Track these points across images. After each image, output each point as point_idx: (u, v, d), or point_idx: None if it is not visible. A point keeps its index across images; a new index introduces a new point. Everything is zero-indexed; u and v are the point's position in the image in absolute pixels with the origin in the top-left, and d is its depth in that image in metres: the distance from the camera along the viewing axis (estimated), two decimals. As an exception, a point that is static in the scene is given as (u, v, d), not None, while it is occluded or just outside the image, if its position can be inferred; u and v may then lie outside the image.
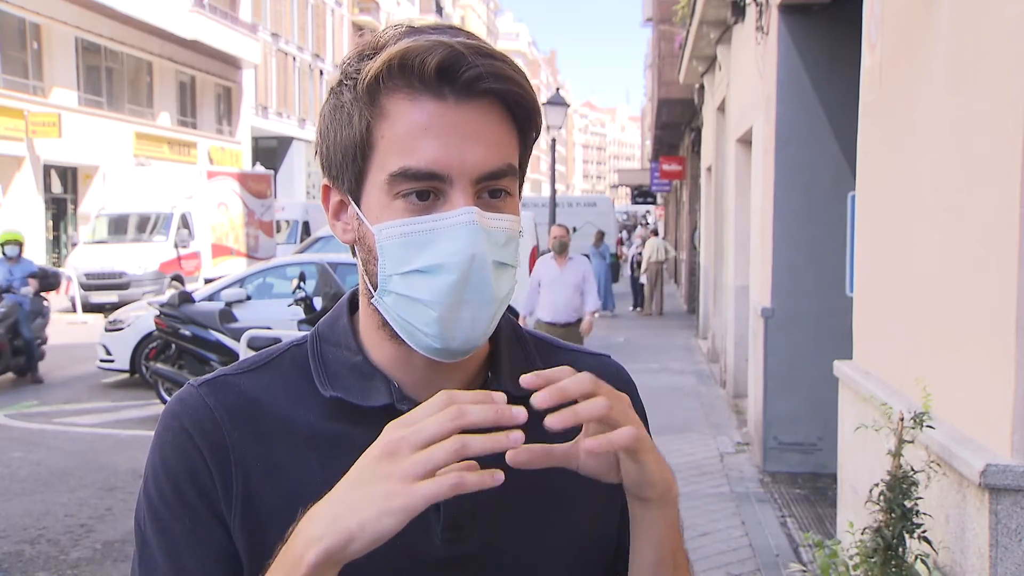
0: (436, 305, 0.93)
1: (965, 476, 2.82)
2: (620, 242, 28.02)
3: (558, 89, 19.13)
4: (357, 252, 1.01)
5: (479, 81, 0.92)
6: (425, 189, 0.93)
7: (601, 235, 20.02)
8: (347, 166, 0.97)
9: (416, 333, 0.95)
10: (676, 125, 21.54)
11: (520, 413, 0.82)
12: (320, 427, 0.99)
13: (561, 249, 8.69)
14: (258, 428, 0.99)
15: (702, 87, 14.05)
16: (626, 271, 20.86)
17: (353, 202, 0.99)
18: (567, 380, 0.86)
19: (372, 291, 0.99)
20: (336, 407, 0.99)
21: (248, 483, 0.97)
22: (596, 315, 8.98)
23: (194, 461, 0.98)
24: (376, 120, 0.94)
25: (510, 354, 1.07)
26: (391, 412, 0.97)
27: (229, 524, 0.98)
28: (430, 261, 0.92)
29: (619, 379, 1.15)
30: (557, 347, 1.17)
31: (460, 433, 0.81)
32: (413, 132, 0.92)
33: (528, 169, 1.07)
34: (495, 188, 0.95)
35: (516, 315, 7.87)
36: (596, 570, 1.08)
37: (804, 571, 4.41)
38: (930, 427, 3.03)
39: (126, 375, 10.80)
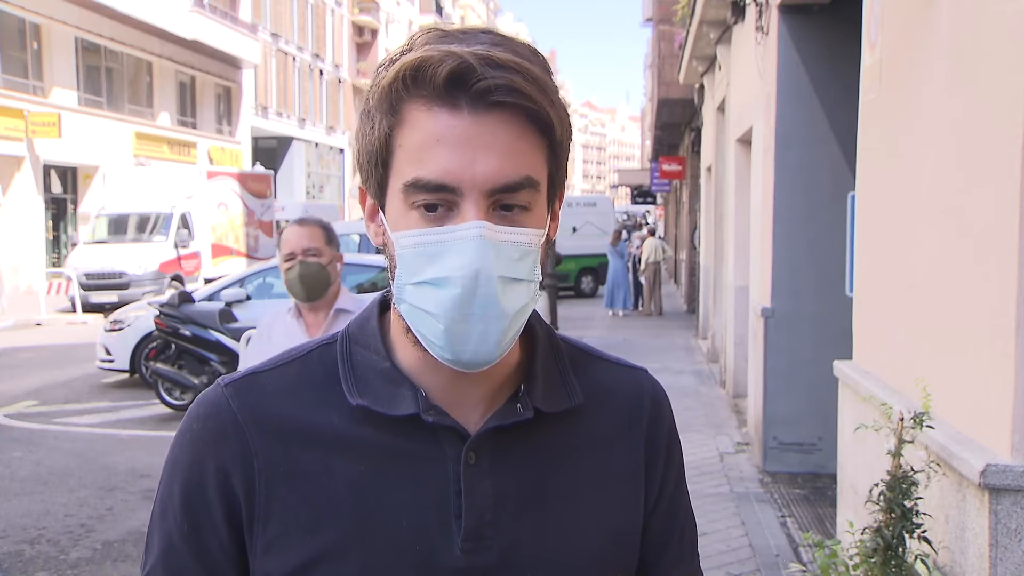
0: (442, 318, 0.92)
1: (965, 476, 2.82)
2: None
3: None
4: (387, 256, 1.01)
5: (489, 94, 0.90)
6: (434, 201, 0.91)
7: (619, 234, 19.92)
8: (372, 171, 0.97)
9: (429, 343, 0.95)
10: (676, 125, 21.51)
11: None
12: (345, 431, 0.99)
13: (314, 292, 3.22)
14: (282, 431, 0.99)
15: (702, 87, 14.03)
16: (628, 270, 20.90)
17: (379, 207, 0.99)
18: None
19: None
20: (362, 413, 0.99)
21: (271, 487, 0.98)
22: None
23: (206, 468, 0.99)
24: (396, 128, 0.93)
25: (544, 364, 1.05)
26: (417, 422, 0.98)
27: (250, 531, 0.98)
28: (438, 274, 0.91)
29: (654, 396, 1.14)
30: (593, 356, 1.14)
31: None
32: (427, 142, 0.91)
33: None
34: (509, 203, 0.93)
35: None
36: None
37: (804, 571, 4.41)
38: (930, 427, 3.03)
39: (126, 375, 10.80)
